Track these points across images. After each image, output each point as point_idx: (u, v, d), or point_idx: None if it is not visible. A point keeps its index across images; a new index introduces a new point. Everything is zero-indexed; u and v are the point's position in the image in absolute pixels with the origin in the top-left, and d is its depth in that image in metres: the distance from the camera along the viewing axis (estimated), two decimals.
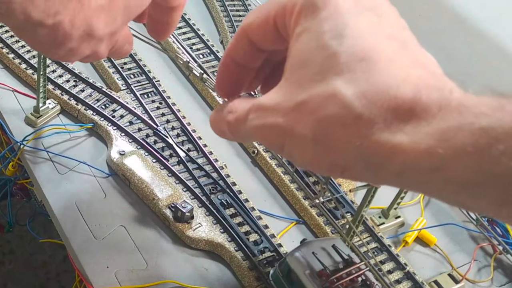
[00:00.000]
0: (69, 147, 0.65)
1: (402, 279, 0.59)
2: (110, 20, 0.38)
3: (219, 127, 0.38)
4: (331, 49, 0.31)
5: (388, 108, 0.28)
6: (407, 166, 0.28)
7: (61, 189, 0.61)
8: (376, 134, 0.28)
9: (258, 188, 0.67)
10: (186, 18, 0.84)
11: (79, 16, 0.36)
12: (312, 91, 0.31)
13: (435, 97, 0.28)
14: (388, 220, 0.65)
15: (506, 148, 0.25)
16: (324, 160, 0.31)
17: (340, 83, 0.30)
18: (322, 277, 0.49)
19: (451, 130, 0.27)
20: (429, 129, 0.27)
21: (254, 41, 0.38)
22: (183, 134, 0.68)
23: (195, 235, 0.58)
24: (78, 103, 0.69)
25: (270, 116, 0.33)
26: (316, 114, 0.30)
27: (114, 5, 0.37)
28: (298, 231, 0.63)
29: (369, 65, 0.29)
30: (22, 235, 1.30)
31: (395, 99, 0.28)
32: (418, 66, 0.30)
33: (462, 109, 0.27)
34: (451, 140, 0.26)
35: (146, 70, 0.75)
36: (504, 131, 0.25)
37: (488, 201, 0.27)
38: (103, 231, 0.58)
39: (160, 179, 0.62)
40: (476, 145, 0.26)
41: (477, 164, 0.26)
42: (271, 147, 0.34)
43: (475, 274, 0.63)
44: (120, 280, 0.54)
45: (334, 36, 0.31)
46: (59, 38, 0.36)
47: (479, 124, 0.26)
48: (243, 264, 0.56)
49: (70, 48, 0.37)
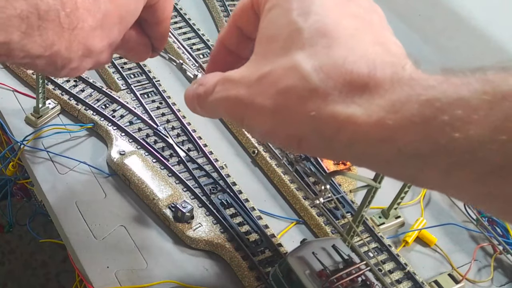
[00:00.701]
0: (69, 147, 0.65)
1: (402, 279, 0.59)
2: (106, 34, 0.38)
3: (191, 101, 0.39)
4: (297, 25, 0.32)
5: (344, 82, 0.29)
6: (358, 137, 0.29)
7: (61, 189, 0.61)
8: (330, 106, 0.29)
9: (258, 188, 0.67)
10: (186, 18, 0.84)
11: (74, 42, 0.36)
12: (275, 64, 0.32)
13: (389, 72, 0.29)
14: (388, 220, 0.65)
15: (450, 119, 0.26)
16: (282, 131, 0.32)
17: (301, 57, 0.31)
18: (322, 277, 0.49)
19: (400, 101, 0.28)
20: (380, 101, 0.28)
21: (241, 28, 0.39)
22: (183, 134, 0.68)
23: (195, 235, 0.58)
24: (78, 103, 0.69)
25: (234, 88, 0.34)
26: (276, 86, 0.31)
27: (108, 20, 0.38)
28: (298, 231, 0.63)
29: (330, 41, 0.31)
30: (22, 235, 1.30)
31: (351, 73, 0.29)
32: (377, 44, 0.31)
33: (412, 83, 0.28)
34: (399, 112, 0.27)
35: (146, 70, 0.75)
36: (448, 101, 0.26)
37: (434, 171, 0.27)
38: (103, 231, 0.58)
39: (160, 179, 0.62)
40: (422, 115, 0.27)
41: (424, 134, 0.26)
42: (233, 119, 0.36)
43: (475, 274, 0.63)
44: (120, 280, 0.54)
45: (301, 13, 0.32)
46: (59, 64, 0.37)
47: (426, 95, 0.27)
48: (243, 264, 0.56)
49: (71, 68, 0.38)
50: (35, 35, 0.34)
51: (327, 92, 0.29)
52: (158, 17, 0.43)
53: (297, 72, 0.30)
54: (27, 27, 0.33)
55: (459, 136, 0.25)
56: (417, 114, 0.27)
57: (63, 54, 0.36)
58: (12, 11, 0.33)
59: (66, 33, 0.35)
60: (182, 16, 0.84)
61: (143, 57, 0.47)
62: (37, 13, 0.33)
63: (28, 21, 0.33)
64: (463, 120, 0.25)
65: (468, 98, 0.25)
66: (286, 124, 0.32)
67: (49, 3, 0.34)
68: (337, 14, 0.32)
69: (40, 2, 0.33)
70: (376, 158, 0.29)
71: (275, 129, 0.33)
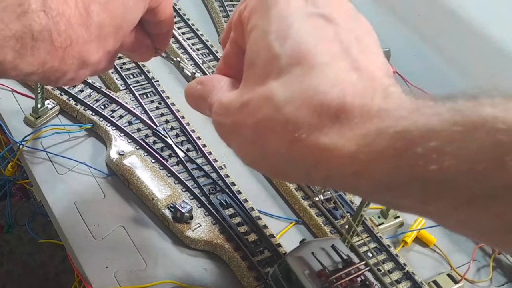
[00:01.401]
0: (68, 147, 0.65)
1: (401, 279, 0.59)
2: (101, 44, 0.38)
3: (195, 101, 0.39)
4: (274, 51, 0.31)
5: (314, 113, 0.28)
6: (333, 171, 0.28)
7: (60, 189, 0.61)
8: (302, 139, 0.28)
9: (257, 188, 0.67)
10: (185, 18, 0.84)
11: (68, 57, 0.36)
12: (254, 93, 0.31)
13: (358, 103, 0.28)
14: (387, 220, 0.65)
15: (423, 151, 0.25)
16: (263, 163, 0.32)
17: (276, 86, 0.30)
18: (321, 277, 0.49)
19: (371, 135, 0.27)
20: (351, 134, 0.28)
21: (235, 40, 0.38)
22: (182, 134, 0.68)
23: (194, 235, 0.58)
24: (77, 103, 0.69)
25: (223, 114, 0.34)
26: (254, 116, 0.31)
27: (103, 31, 0.37)
28: (297, 231, 0.63)
29: (304, 68, 0.30)
30: (21, 236, 1.30)
31: (321, 105, 0.28)
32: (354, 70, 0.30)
33: (383, 114, 0.27)
34: (371, 145, 0.27)
35: (145, 70, 0.75)
36: (420, 133, 0.25)
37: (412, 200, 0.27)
38: (102, 231, 0.58)
39: (159, 179, 0.62)
40: (394, 148, 0.26)
41: (397, 167, 0.26)
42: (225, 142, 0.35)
43: (474, 274, 0.63)
44: (119, 280, 0.54)
45: (277, 37, 0.31)
46: (52, 78, 0.37)
47: (396, 127, 0.26)
48: (242, 264, 0.56)
49: (68, 79, 0.38)
50: (27, 55, 0.34)
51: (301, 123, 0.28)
52: (160, 19, 0.43)
53: (271, 103, 0.30)
54: (21, 47, 0.33)
55: (434, 168, 0.25)
56: (389, 147, 0.26)
57: (57, 69, 0.36)
58: (8, 32, 0.32)
59: (59, 51, 0.35)
60: (181, 16, 0.84)
61: (146, 58, 0.47)
62: (31, 33, 0.33)
63: (22, 41, 0.33)
64: (437, 152, 0.25)
65: (439, 129, 0.25)
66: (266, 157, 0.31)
67: (42, 24, 0.34)
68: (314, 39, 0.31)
69: (33, 23, 0.33)
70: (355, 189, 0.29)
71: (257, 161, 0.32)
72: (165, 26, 0.44)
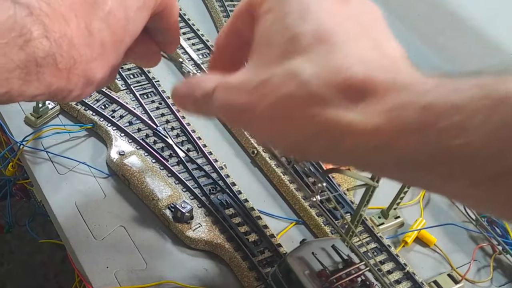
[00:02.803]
0: (69, 147, 0.65)
1: (402, 279, 0.59)
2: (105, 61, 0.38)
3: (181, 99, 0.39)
4: (294, 31, 0.32)
5: (342, 88, 0.29)
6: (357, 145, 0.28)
7: (60, 189, 0.61)
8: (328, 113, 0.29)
9: (258, 188, 0.67)
10: (186, 18, 0.84)
11: (74, 76, 0.36)
12: (274, 71, 0.32)
13: (384, 77, 0.29)
14: (388, 220, 0.65)
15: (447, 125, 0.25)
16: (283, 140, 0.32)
17: (300, 63, 0.31)
18: (321, 277, 0.49)
19: (396, 108, 0.27)
20: (377, 108, 0.28)
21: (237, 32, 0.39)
22: (183, 134, 0.68)
23: (195, 236, 0.58)
24: (77, 103, 0.69)
25: (234, 95, 0.34)
26: (276, 92, 0.31)
27: (106, 48, 0.37)
28: (298, 231, 0.63)
29: (327, 46, 0.31)
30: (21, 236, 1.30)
31: (347, 79, 0.29)
32: (374, 48, 0.31)
33: (408, 88, 0.28)
34: (396, 118, 0.27)
35: (145, 71, 0.75)
36: (445, 107, 0.25)
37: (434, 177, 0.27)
38: (103, 231, 0.58)
39: (160, 179, 0.62)
40: (419, 122, 0.26)
41: (421, 141, 0.26)
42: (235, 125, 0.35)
43: (475, 274, 0.63)
44: (119, 280, 0.54)
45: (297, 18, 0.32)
46: (59, 97, 0.37)
47: (422, 101, 0.26)
48: (243, 265, 0.56)
49: (74, 96, 0.39)
50: (33, 81, 0.34)
51: (327, 98, 0.29)
52: (167, 24, 0.43)
53: (296, 79, 0.30)
54: (26, 74, 0.34)
55: (457, 143, 0.25)
56: (414, 121, 0.26)
57: (63, 89, 0.36)
58: (12, 64, 0.33)
59: (63, 72, 0.35)
60: (181, 16, 0.84)
61: (153, 64, 0.47)
62: (35, 60, 0.33)
63: (27, 69, 0.33)
64: (461, 127, 0.25)
65: (465, 103, 0.25)
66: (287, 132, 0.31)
67: (45, 49, 0.34)
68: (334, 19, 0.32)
69: (36, 50, 0.33)
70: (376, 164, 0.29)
71: (276, 137, 0.32)
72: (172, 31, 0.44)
